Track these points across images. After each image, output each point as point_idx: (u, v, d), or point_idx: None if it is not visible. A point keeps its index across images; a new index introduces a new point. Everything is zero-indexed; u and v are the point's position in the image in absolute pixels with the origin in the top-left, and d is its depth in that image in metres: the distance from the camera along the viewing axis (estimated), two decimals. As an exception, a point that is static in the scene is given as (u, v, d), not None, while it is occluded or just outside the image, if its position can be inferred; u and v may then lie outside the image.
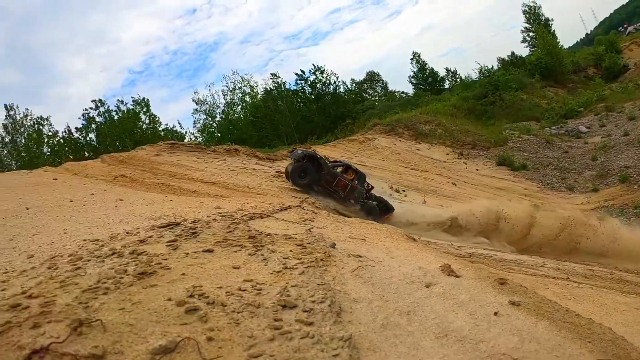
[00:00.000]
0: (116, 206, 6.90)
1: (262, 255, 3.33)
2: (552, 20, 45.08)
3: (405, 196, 17.09)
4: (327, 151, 20.79)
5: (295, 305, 2.57)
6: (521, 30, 46.55)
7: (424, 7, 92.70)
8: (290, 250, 3.57)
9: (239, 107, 38.18)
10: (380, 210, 12.63)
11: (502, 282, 4.20)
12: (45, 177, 10.47)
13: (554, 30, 43.46)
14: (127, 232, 3.90)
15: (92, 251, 3.36)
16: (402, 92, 44.52)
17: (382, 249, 5.21)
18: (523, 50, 45.85)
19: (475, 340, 2.83)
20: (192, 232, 3.74)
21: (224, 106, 37.86)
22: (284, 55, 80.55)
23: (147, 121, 32.18)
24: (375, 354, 2.43)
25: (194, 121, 39.48)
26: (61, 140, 30.44)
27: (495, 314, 3.27)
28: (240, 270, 2.98)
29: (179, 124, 47.82)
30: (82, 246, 3.74)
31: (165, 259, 3.04)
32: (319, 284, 2.91)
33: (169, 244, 3.45)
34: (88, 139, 30.92)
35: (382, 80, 46.50)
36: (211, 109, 37.33)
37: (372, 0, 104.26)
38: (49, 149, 30.57)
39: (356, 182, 12.69)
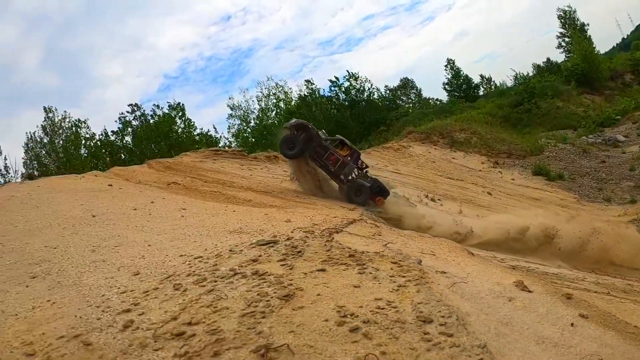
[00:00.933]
0: (182, 216, 7.08)
1: (371, 273, 3.45)
2: (588, 25, 44.20)
3: (441, 205, 17.01)
4: (362, 158, 20.96)
5: (431, 319, 2.74)
6: (556, 35, 46.02)
7: (457, 13, 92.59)
8: (391, 268, 3.69)
9: (274, 112, 38.65)
10: (373, 192, 12.39)
11: (568, 297, 4.66)
12: (99, 183, 10.72)
13: (589, 35, 42.60)
14: (231, 250, 4.03)
15: (211, 270, 3.49)
16: (437, 100, 44.45)
17: (454, 265, 5.38)
18: (558, 56, 45.34)
19: (566, 345, 3.32)
20: (297, 251, 3.85)
21: (258, 112, 38.47)
22: (318, 61, 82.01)
23: (182, 125, 32.90)
24: (504, 358, 2.77)
25: (229, 126, 40.21)
26: (98, 142, 31.45)
27: (572, 324, 3.75)
28: (363, 289, 3.10)
29: (214, 128, 49.05)
30: (189, 263, 3.90)
31: (292, 280, 3.15)
32: (437, 301, 3.07)
33: (282, 263, 3.57)
34: (124, 141, 31.91)
35: (416, 87, 46.30)
36: (245, 114, 37.89)
37: (405, 7, 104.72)
38: (87, 151, 31.45)
39: (349, 158, 12.58)
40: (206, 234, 5.46)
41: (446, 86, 45.44)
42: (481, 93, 44.56)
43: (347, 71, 40.92)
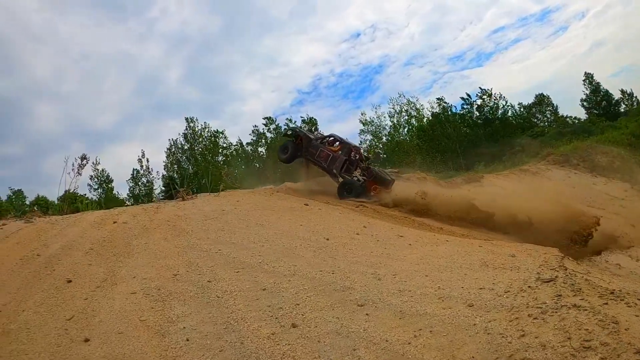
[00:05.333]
0: (410, 244, 8.35)
1: (635, 306, 4.75)
2: None
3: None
4: (500, 180, 21.72)
5: None
6: None
7: (591, 21, 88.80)
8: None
9: (405, 129, 41.02)
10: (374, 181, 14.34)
11: None
12: (293, 201, 12.59)
13: None
14: (529, 287, 5.42)
15: (540, 303, 4.87)
16: (575, 118, 44.04)
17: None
18: None
19: None
20: (577, 288, 5.23)
21: (390, 128, 41.05)
22: (448, 77, 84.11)
23: None
24: None
25: (360, 142, 43.86)
26: (234, 152, 35.78)
27: None
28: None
29: None
30: (506, 296, 5.19)
31: (601, 310, 4.54)
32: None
33: (579, 298, 4.91)
34: (259, 152, 36.08)
35: (552, 103, 46.05)
36: (377, 130, 40.41)
37: (536, 17, 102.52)
38: (223, 158, 35.79)
39: (340, 152, 14.40)
40: (460, 266, 6.73)
41: (584, 103, 45.35)
42: (622, 110, 43.50)
43: (480, 88, 43.17)
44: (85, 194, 32.66)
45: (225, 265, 7.18)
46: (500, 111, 40.98)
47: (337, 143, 15.07)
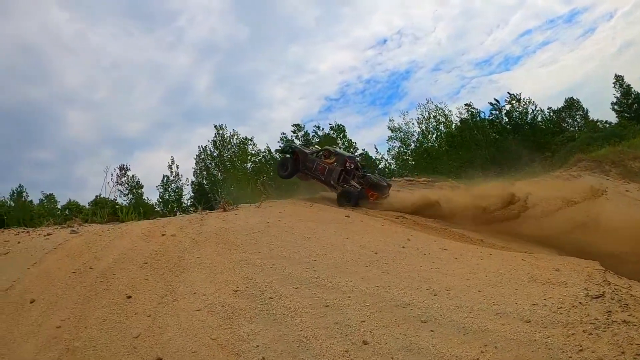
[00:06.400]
0: (456, 258, 8.54)
1: None
2: None
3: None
4: (531, 187, 21.65)
5: None
6: None
7: (619, 21, 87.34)
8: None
9: (434, 135, 41.40)
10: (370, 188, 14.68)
11: None
12: (333, 212, 12.85)
13: None
14: (580, 303, 5.77)
15: (592, 319, 5.21)
16: (605, 122, 43.59)
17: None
18: None
19: None
20: (625, 304, 5.59)
21: (418, 134, 41.44)
22: (476, 82, 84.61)
23: (343, 146, 36.94)
24: None
25: (389, 148, 44.72)
26: (262, 159, 36.78)
27: None
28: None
29: (375, 149, 53.89)
30: (560, 312, 5.46)
31: None
32: None
33: (628, 314, 5.28)
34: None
35: (582, 107, 45.46)
36: (406, 136, 40.94)
37: (564, 19, 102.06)
38: (252, 165, 36.89)
39: (335, 164, 14.95)
40: (509, 281, 6.93)
41: (615, 106, 44.63)
42: (653, 112, 42.62)
43: (509, 93, 43.04)
44: (115, 199, 33.78)
45: (283, 281, 7.24)
46: (529, 116, 41.12)
47: (332, 155, 15.61)
